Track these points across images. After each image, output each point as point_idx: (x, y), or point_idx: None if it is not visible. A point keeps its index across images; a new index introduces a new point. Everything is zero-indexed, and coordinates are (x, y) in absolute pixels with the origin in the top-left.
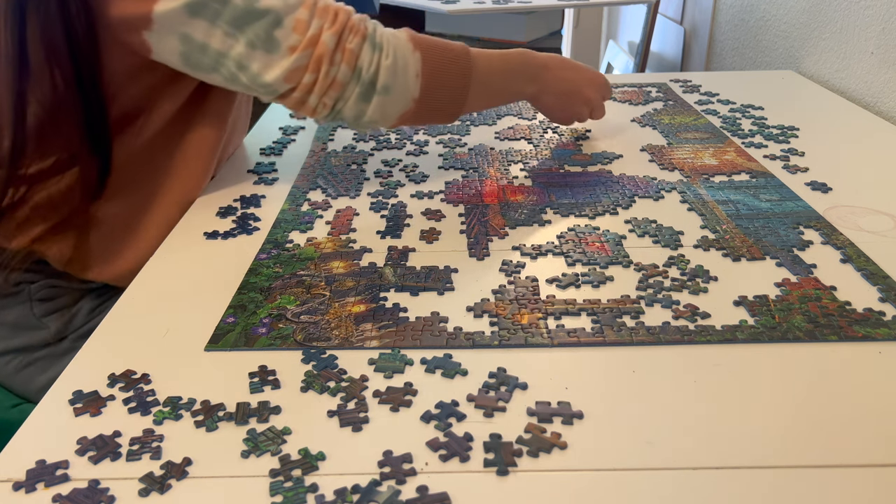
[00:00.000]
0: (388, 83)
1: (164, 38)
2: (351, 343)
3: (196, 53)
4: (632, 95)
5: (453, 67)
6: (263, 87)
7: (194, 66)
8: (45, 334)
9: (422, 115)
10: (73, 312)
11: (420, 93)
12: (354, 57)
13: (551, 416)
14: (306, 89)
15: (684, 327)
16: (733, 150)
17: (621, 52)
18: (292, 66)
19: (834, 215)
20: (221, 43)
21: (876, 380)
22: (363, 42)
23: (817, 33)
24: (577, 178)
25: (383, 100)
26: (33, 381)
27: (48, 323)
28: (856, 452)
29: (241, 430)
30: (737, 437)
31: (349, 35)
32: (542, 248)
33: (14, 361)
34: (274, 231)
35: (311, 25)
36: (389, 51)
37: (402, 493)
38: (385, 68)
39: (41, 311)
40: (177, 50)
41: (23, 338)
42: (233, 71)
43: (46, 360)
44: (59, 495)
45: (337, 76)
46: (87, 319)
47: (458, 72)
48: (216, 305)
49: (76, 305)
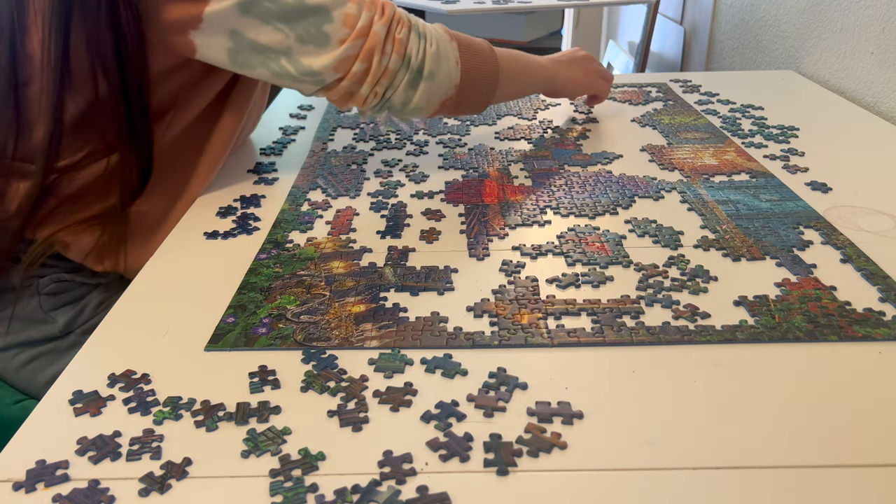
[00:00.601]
0: (433, 70)
1: (211, 37)
2: (351, 343)
3: (245, 51)
4: (632, 95)
5: (484, 56)
6: (312, 76)
7: (241, 63)
8: (52, 328)
9: (461, 101)
10: (82, 307)
11: (461, 78)
12: (403, 46)
13: (551, 416)
14: (356, 78)
15: (684, 327)
16: (733, 150)
17: (621, 52)
18: (343, 55)
19: (834, 215)
20: (271, 39)
21: (876, 380)
22: (410, 32)
23: (817, 33)
24: (577, 178)
25: (429, 86)
26: (39, 376)
27: (56, 317)
28: (856, 452)
29: (241, 430)
30: (737, 437)
31: (397, 26)
32: (542, 248)
33: (21, 356)
34: (274, 231)
35: (361, 18)
36: (433, 40)
37: (402, 493)
38: (430, 55)
39: (49, 305)
40: (224, 48)
41: (30, 332)
42: (282, 64)
43: (53, 355)
44: (59, 495)
45: (388, 65)
46: (94, 314)
47: (490, 60)
48: (216, 305)
49: (84, 300)
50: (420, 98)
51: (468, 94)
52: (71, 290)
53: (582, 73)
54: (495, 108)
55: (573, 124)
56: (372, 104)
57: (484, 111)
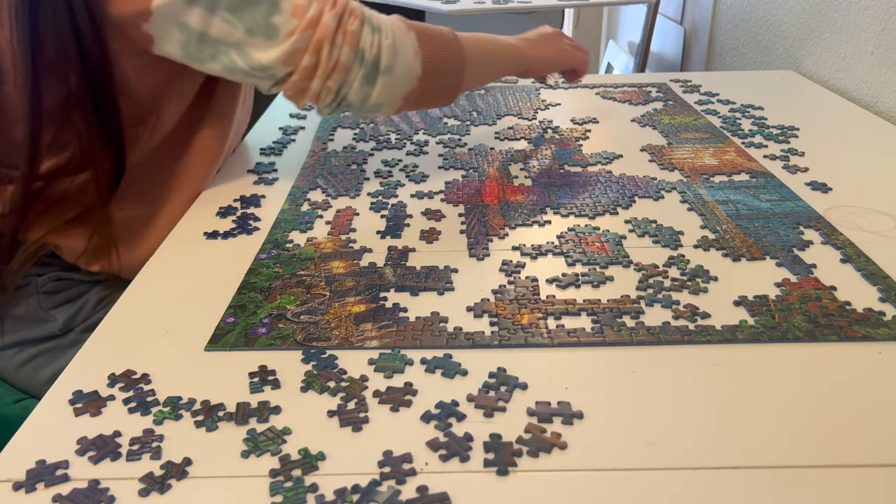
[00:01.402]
0: (390, 63)
1: (163, 29)
2: (351, 343)
3: (195, 43)
4: (632, 95)
5: (446, 43)
6: (262, 71)
7: (193, 56)
8: (52, 327)
9: (425, 94)
10: (80, 305)
11: (422, 69)
12: (356, 38)
13: (551, 416)
14: (306, 73)
15: (684, 327)
16: (733, 150)
17: (621, 52)
18: (291, 48)
19: (834, 215)
20: (220, 31)
21: (876, 380)
22: (363, 24)
23: (817, 33)
24: (577, 178)
25: (388, 80)
26: (39, 374)
27: (55, 315)
28: (856, 452)
29: (241, 430)
30: (736, 437)
31: (349, 17)
32: (542, 248)
33: (20, 354)
34: (274, 231)
35: (310, 9)
36: (388, 32)
37: (402, 493)
38: (386, 48)
39: (48, 303)
40: (176, 40)
41: (30, 331)
42: (233, 58)
43: (53, 353)
44: (59, 495)
45: (340, 58)
46: (94, 312)
47: (454, 46)
48: (216, 305)
49: (83, 297)
50: (379, 94)
51: (433, 84)
52: (69, 289)
53: (555, 50)
54: (495, 108)
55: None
56: (326, 101)
57: (455, 101)
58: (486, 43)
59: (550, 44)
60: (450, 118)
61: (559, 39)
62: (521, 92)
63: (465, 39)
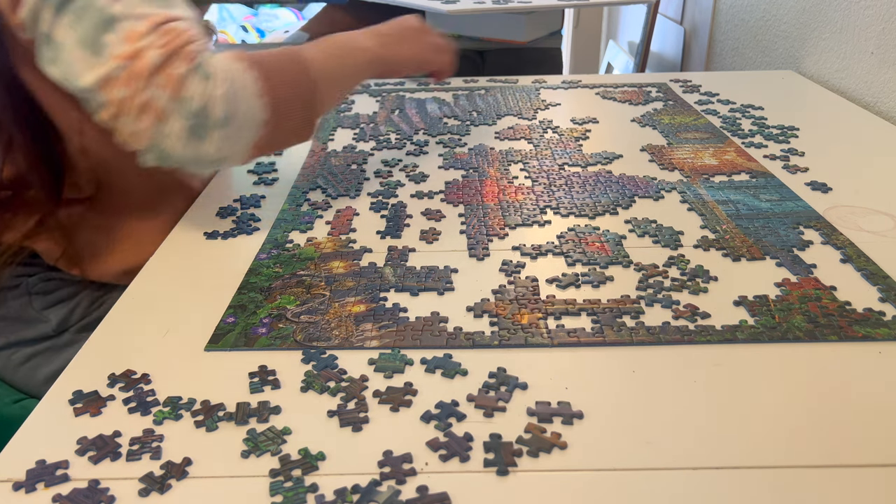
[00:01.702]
0: (226, 114)
1: (33, 32)
2: (351, 343)
3: (42, 44)
4: (632, 95)
5: (293, 75)
6: (80, 92)
7: (41, 57)
8: (46, 327)
9: (278, 136)
10: (74, 305)
11: (269, 113)
12: (179, 85)
13: (551, 416)
14: (114, 109)
15: (684, 327)
16: (733, 150)
17: (621, 52)
18: (107, 73)
19: (834, 215)
20: (62, 34)
21: (876, 380)
22: (192, 70)
23: (817, 33)
24: (577, 178)
25: (225, 133)
26: (37, 374)
27: (49, 316)
28: (856, 452)
29: (241, 430)
30: (737, 437)
31: (178, 60)
32: (542, 248)
33: (17, 355)
34: (274, 231)
35: (144, 39)
36: (223, 79)
37: (402, 493)
38: (219, 98)
39: (41, 304)
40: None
41: (24, 331)
42: (63, 69)
43: (49, 353)
44: (59, 495)
45: (153, 100)
46: (88, 312)
47: (299, 79)
48: (216, 305)
49: (76, 298)
50: (218, 148)
51: (284, 124)
52: (61, 289)
53: (416, 49)
54: (495, 108)
55: (573, 124)
56: (142, 147)
57: (314, 134)
58: (335, 54)
59: (410, 41)
60: (450, 118)
61: (421, 36)
62: (521, 92)
63: (313, 59)
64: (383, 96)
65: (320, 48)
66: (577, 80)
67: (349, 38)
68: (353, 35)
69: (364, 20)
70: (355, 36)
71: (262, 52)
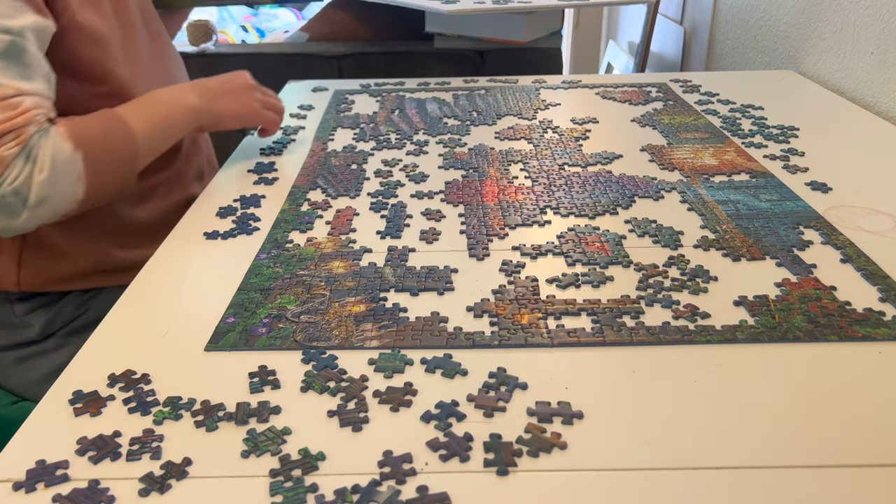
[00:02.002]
0: (42, 198)
1: None
2: (351, 343)
3: None
4: (632, 95)
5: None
6: None
7: None
8: (30, 332)
9: (86, 205)
10: (57, 310)
11: (85, 192)
12: (1, 165)
13: (551, 416)
14: None
15: (684, 327)
16: (733, 150)
17: (621, 52)
18: None
19: (834, 215)
20: None
21: (876, 380)
22: (20, 153)
23: (817, 33)
24: (577, 178)
25: (38, 212)
26: (29, 376)
27: (31, 321)
28: (856, 452)
29: (241, 430)
30: (737, 437)
31: (9, 140)
32: (542, 248)
33: (6, 359)
34: (274, 231)
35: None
36: (46, 163)
37: (402, 493)
38: (39, 183)
39: (22, 310)
40: None
41: (10, 336)
42: None
43: (37, 357)
44: (59, 495)
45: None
46: (74, 315)
47: (124, 154)
48: (216, 305)
49: (59, 303)
50: (25, 224)
51: (100, 196)
52: (41, 295)
53: (238, 105)
54: (495, 108)
55: (573, 124)
56: None
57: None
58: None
59: (234, 97)
60: (450, 118)
61: (248, 93)
62: (521, 92)
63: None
64: (383, 96)
65: (147, 114)
66: (577, 80)
67: (176, 95)
68: (180, 91)
69: (364, 20)
70: (182, 92)
71: (92, 128)
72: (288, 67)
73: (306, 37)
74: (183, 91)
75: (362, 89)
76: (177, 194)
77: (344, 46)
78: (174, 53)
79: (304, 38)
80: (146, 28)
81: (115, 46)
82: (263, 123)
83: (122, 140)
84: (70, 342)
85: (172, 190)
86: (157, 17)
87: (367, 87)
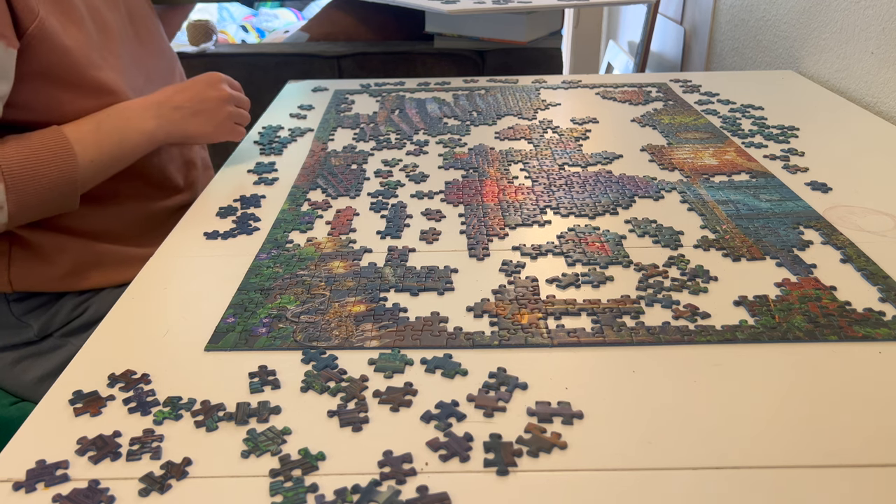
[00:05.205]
0: None
1: None
2: (351, 343)
3: None
4: (632, 95)
5: (49, 181)
6: None
7: None
8: (28, 333)
9: (18, 224)
10: (55, 310)
11: (9, 219)
12: None
13: (551, 416)
14: None
15: (684, 327)
16: (733, 150)
17: (621, 52)
18: None
19: (834, 215)
20: None
21: (876, 380)
22: None
23: (817, 33)
24: (577, 178)
25: None
26: (26, 376)
27: (29, 321)
28: (856, 452)
29: (241, 430)
30: (737, 437)
31: None
32: (542, 248)
33: (6, 359)
34: (274, 231)
35: None
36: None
37: (402, 493)
38: None
39: (19, 310)
40: None
41: (8, 337)
42: None
43: (34, 358)
44: (59, 495)
45: None
46: (72, 316)
47: (60, 177)
48: (216, 305)
49: (57, 303)
50: None
51: (26, 220)
52: (39, 296)
53: (211, 126)
54: (495, 108)
55: (573, 124)
56: None
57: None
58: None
59: (209, 116)
60: (450, 118)
61: (222, 109)
62: (521, 92)
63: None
64: (383, 96)
65: (93, 139)
66: (577, 80)
67: (129, 120)
68: (137, 112)
69: (364, 20)
70: (139, 113)
71: (23, 156)
72: (288, 67)
73: (306, 37)
74: (140, 112)
75: (362, 89)
76: (159, 192)
77: (344, 46)
78: (164, 53)
79: (304, 38)
80: (132, 27)
81: (91, 50)
82: (234, 139)
83: (59, 168)
84: (68, 342)
85: (152, 189)
86: (149, 15)
87: (367, 87)
